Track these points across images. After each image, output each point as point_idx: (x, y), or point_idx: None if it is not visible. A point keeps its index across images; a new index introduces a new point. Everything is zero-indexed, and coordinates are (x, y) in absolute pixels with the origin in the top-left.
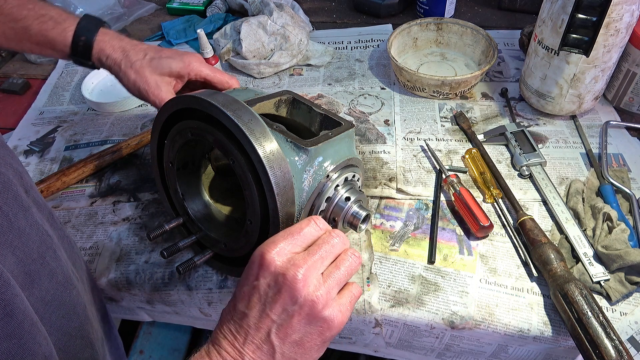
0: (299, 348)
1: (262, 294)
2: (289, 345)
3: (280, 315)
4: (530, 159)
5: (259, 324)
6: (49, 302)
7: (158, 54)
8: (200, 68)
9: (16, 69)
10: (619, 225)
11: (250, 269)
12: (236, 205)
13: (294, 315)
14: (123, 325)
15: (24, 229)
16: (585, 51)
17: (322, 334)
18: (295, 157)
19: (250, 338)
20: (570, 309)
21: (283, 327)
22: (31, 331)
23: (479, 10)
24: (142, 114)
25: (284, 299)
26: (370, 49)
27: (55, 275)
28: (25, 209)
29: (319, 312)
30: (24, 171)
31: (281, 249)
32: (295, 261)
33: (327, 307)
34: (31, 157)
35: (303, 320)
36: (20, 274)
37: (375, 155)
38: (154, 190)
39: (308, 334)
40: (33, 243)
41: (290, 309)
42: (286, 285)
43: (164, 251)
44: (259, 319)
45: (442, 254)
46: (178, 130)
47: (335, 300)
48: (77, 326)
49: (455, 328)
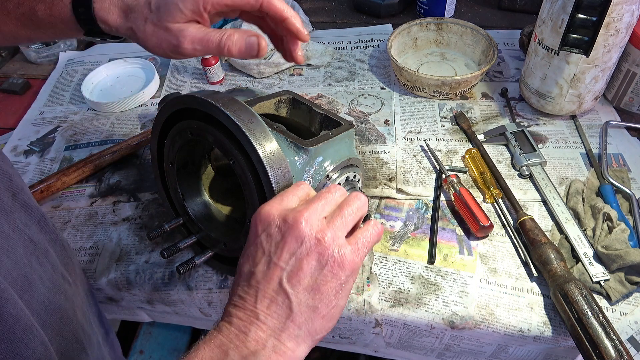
0: (316, 293)
1: (265, 247)
2: (304, 291)
3: (288, 262)
4: (530, 159)
5: (268, 276)
6: (47, 306)
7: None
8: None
9: (16, 69)
10: (619, 225)
11: (250, 233)
12: (236, 205)
13: (302, 258)
14: (123, 325)
15: (9, 233)
16: (585, 51)
17: (335, 275)
18: (295, 157)
19: (262, 293)
20: (570, 309)
21: (294, 272)
22: (23, 336)
23: (479, 10)
24: (142, 114)
25: (289, 244)
26: (370, 49)
27: (43, 280)
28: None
29: (326, 250)
30: (14, 173)
31: (276, 204)
32: (294, 208)
33: (335, 246)
34: (31, 157)
35: (313, 262)
36: (19, 276)
37: (375, 155)
38: (154, 190)
39: (322, 276)
40: (19, 247)
41: (297, 252)
42: (289, 229)
43: (164, 251)
44: (266, 271)
45: (442, 254)
46: (178, 130)
47: (344, 240)
48: (71, 330)
49: (455, 328)
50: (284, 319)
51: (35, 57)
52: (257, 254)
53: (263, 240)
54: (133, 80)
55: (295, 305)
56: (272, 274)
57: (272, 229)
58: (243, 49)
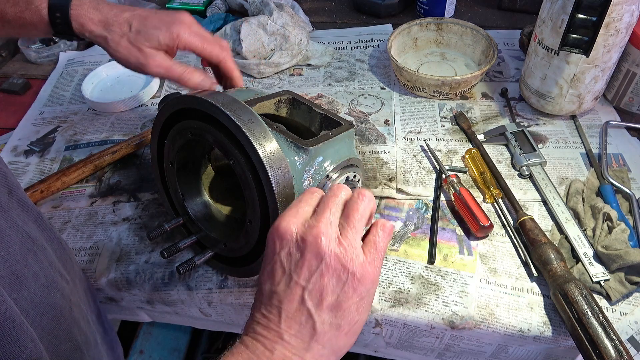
0: (338, 311)
1: (285, 266)
2: (326, 310)
3: (309, 280)
4: (530, 159)
5: (289, 296)
6: (38, 305)
7: (143, 23)
8: (190, 39)
9: (16, 69)
10: (619, 225)
11: (267, 249)
12: (236, 205)
13: (323, 275)
14: (123, 325)
15: (5, 230)
16: (585, 51)
17: (356, 290)
18: (295, 157)
19: (285, 313)
20: (570, 309)
21: (315, 290)
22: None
23: (479, 10)
24: (142, 114)
25: (309, 261)
26: (370, 49)
27: (39, 277)
28: (5, 210)
29: (346, 267)
30: (8, 172)
31: (292, 218)
32: (309, 223)
33: (355, 261)
34: (31, 157)
35: (333, 278)
36: (8, 274)
37: (375, 155)
38: (154, 190)
39: (343, 293)
40: (14, 244)
41: (317, 269)
42: (308, 247)
43: (164, 251)
44: (287, 291)
45: (442, 254)
46: (178, 130)
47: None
48: (64, 329)
49: (455, 328)
50: (308, 339)
51: (36, 57)
52: (276, 272)
53: (283, 259)
54: (133, 80)
55: (318, 325)
56: (294, 293)
57: (291, 247)
58: (196, 87)
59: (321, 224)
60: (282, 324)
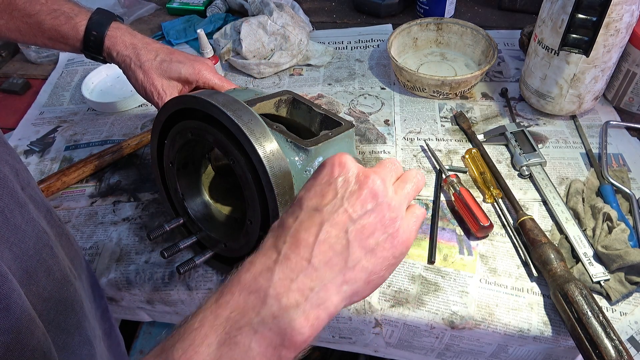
0: (372, 257)
1: (339, 190)
2: (362, 249)
3: (359, 213)
4: (530, 159)
5: (335, 218)
6: (46, 299)
7: (169, 56)
8: (210, 76)
9: (16, 69)
10: (619, 225)
11: (322, 173)
12: (236, 205)
13: (374, 216)
14: (123, 325)
15: (20, 226)
16: (585, 51)
17: (393, 246)
18: (295, 157)
19: (324, 234)
20: (570, 309)
21: (360, 227)
22: (29, 327)
23: (479, 10)
24: (142, 114)
25: (365, 197)
26: (370, 49)
27: (52, 272)
28: (21, 206)
29: (395, 220)
30: (21, 168)
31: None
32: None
33: (399, 217)
34: (31, 157)
35: (379, 224)
36: (18, 270)
37: (375, 155)
38: (154, 190)
39: (382, 241)
40: (29, 240)
41: (370, 208)
42: (367, 183)
43: (164, 251)
44: (334, 213)
45: (442, 254)
46: (178, 130)
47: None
48: (75, 323)
49: (455, 328)
50: (337, 271)
51: (36, 57)
52: (328, 193)
53: (338, 184)
54: None
55: (350, 260)
56: (340, 219)
57: (350, 177)
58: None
59: (382, 172)
60: (317, 247)
